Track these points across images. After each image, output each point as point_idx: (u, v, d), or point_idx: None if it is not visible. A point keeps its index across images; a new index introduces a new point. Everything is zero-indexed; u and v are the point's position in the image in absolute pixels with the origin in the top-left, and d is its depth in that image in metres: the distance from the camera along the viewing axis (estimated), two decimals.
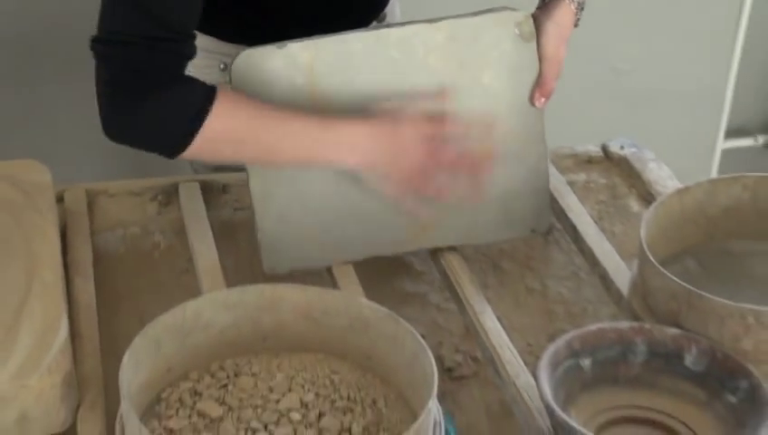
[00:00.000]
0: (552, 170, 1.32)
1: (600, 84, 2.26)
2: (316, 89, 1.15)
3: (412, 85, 1.17)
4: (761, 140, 2.70)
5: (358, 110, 1.15)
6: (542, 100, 1.23)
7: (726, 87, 2.44)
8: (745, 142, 2.68)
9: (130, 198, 1.28)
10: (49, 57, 2.02)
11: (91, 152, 2.05)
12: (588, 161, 1.38)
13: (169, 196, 1.29)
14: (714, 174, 2.50)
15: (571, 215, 1.24)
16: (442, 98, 1.17)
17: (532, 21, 1.18)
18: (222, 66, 1.46)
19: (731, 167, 2.59)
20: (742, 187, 1.13)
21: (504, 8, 1.18)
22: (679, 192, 1.13)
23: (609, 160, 1.39)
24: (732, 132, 2.59)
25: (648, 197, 1.29)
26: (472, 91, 1.18)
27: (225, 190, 1.31)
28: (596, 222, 1.24)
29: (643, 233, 1.03)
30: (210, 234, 1.19)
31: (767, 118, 2.71)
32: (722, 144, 2.52)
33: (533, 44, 1.18)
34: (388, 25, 1.18)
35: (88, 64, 1.99)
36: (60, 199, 1.22)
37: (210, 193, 1.29)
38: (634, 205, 1.31)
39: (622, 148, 1.39)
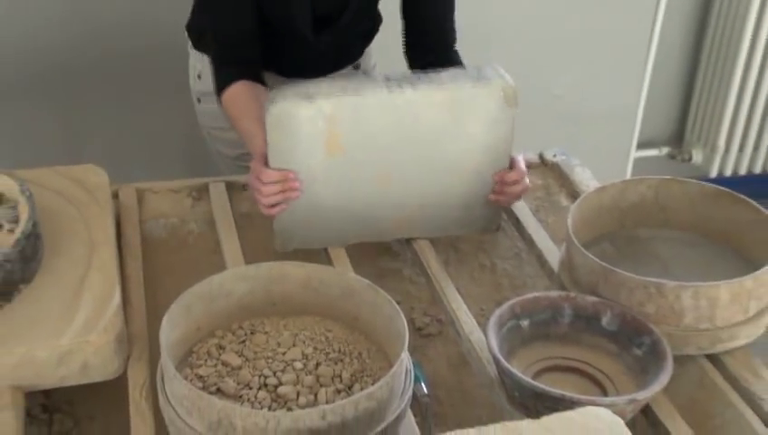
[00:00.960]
0: None
1: (540, 106, 2.25)
2: (334, 130, 1.13)
3: (411, 131, 1.16)
4: (664, 150, 2.71)
5: (363, 147, 1.16)
6: (499, 190, 1.21)
7: (638, 108, 2.43)
8: (652, 152, 2.68)
9: (170, 195, 1.28)
10: (108, 81, 2.00)
11: (139, 158, 2.04)
12: (528, 166, 1.36)
13: (201, 193, 1.28)
14: (627, 177, 2.50)
15: (514, 208, 1.24)
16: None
17: (515, 91, 1.16)
18: None
19: (641, 172, 2.59)
20: (646, 186, 1.13)
21: (496, 74, 1.16)
22: (598, 190, 1.13)
23: (545, 166, 1.39)
24: (642, 144, 2.59)
25: (574, 194, 1.29)
26: (459, 136, 1.16)
27: (244, 188, 1.29)
28: (534, 214, 1.24)
29: (570, 222, 1.04)
30: (233, 223, 1.19)
31: (669, 133, 2.72)
32: (634, 154, 2.51)
33: (513, 109, 1.16)
34: (400, 83, 1.14)
35: (138, 87, 1.98)
36: (115, 196, 1.21)
37: (233, 191, 1.29)
38: (564, 200, 1.31)
39: (555, 156, 1.39)
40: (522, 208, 1.24)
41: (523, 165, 1.20)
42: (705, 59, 2.56)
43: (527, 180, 1.21)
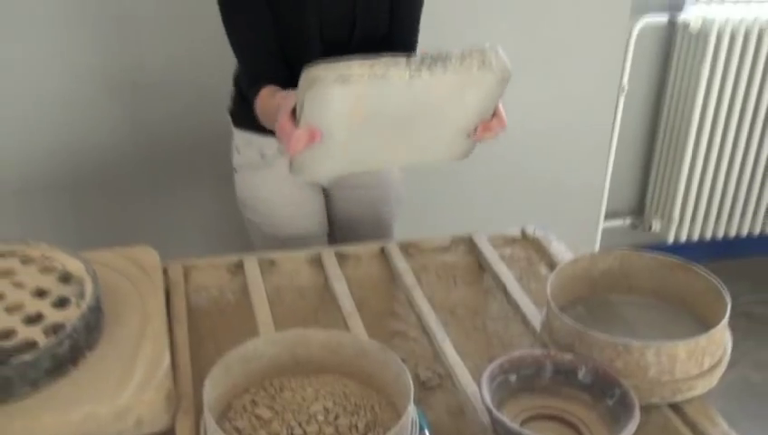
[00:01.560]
0: (488, 247, 1.33)
1: (520, 184, 2.27)
2: (359, 105, 1.15)
3: (420, 106, 1.18)
4: (628, 221, 2.71)
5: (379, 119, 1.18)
6: (481, 134, 1.23)
7: (604, 185, 2.45)
8: (618, 223, 2.69)
9: (211, 270, 1.27)
10: (157, 167, 2.02)
11: (186, 240, 2.05)
12: (512, 240, 1.38)
13: (237, 268, 1.28)
14: (597, 245, 2.50)
15: (502, 277, 1.23)
16: None
17: (511, 72, 1.16)
18: (260, 156, 1.49)
19: (608, 240, 2.59)
20: (613, 258, 1.13)
21: (496, 57, 1.14)
22: (572, 261, 1.13)
23: (526, 240, 1.39)
24: (608, 216, 2.60)
25: (552, 264, 1.28)
26: (457, 105, 1.19)
27: (272, 264, 1.29)
28: (518, 281, 1.23)
29: (548, 289, 1.04)
30: (264, 294, 1.18)
31: (632, 206, 2.73)
32: (602, 224, 2.52)
33: (506, 84, 1.17)
34: (419, 67, 1.13)
35: (184, 170, 1.98)
36: (165, 272, 1.21)
37: (264, 265, 1.28)
38: (543, 270, 1.31)
39: (534, 231, 1.39)
40: (508, 277, 1.23)
41: (503, 112, 1.23)
42: (660, 144, 2.59)
43: (504, 120, 1.23)
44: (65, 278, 1.03)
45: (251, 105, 1.41)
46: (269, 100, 1.28)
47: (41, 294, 1.00)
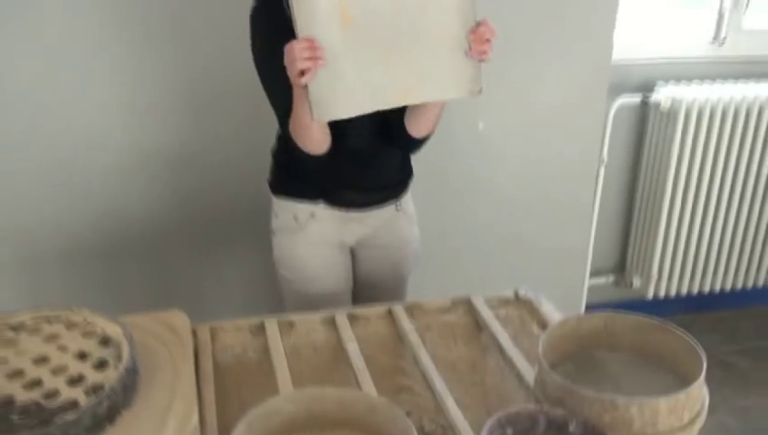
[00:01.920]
0: (485, 308, 1.33)
1: (512, 246, 2.27)
2: (343, 4, 1.17)
3: (400, 5, 1.20)
4: (611, 278, 2.70)
5: (367, 21, 1.20)
6: (476, 46, 1.25)
7: (588, 247, 2.45)
8: (601, 280, 2.68)
9: (235, 331, 1.27)
10: (191, 236, 2.02)
11: (211, 304, 2.05)
12: (506, 301, 1.38)
13: (259, 329, 1.27)
14: (583, 301, 2.49)
15: (497, 336, 1.23)
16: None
17: None
18: (294, 220, 1.53)
19: (593, 295, 2.58)
20: (598, 319, 1.13)
21: None
22: (561, 322, 1.12)
23: (519, 301, 1.38)
24: (593, 274, 2.59)
25: (543, 323, 1.28)
26: (436, 7, 1.21)
27: (291, 325, 1.29)
28: (512, 340, 1.22)
29: (540, 348, 1.03)
30: (283, 353, 1.18)
31: (614, 265, 2.72)
32: (588, 282, 2.51)
33: None
34: None
35: (218, 237, 1.97)
36: (194, 333, 1.20)
37: (283, 327, 1.28)
38: (535, 329, 1.30)
39: (526, 293, 1.39)
40: (503, 336, 1.23)
41: (489, 22, 1.25)
42: (637, 209, 2.60)
43: (491, 32, 1.25)
44: (105, 341, 1.04)
45: (287, 175, 1.51)
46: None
47: (83, 356, 1.00)
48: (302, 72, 1.18)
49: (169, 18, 1.78)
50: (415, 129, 1.43)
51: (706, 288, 2.65)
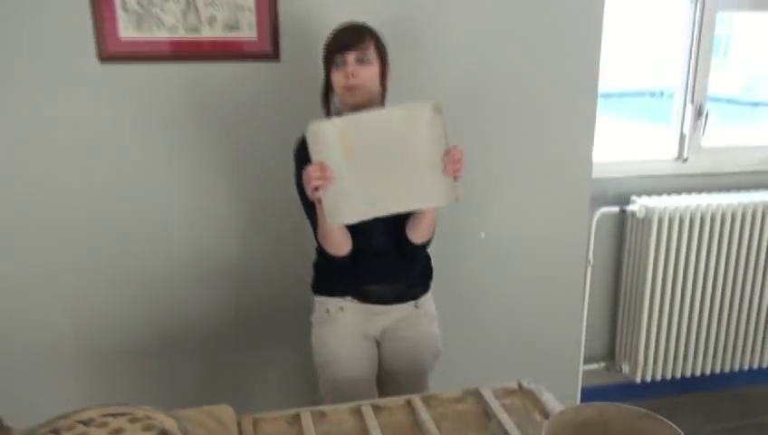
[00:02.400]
0: (492, 398, 1.31)
1: (516, 341, 2.25)
2: (345, 139, 1.32)
3: (388, 142, 1.33)
4: (602, 364, 2.65)
5: (365, 155, 1.34)
6: (450, 166, 1.34)
7: (581, 337, 2.42)
8: (594, 366, 2.62)
9: (274, 421, 1.26)
10: (241, 338, 2.01)
11: (255, 394, 2.03)
12: (511, 392, 1.36)
13: (295, 419, 1.26)
14: (579, 386, 2.43)
15: (504, 424, 1.21)
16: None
17: (439, 104, 1.34)
18: (326, 312, 1.59)
19: (587, 379, 2.52)
20: (592, 409, 1.10)
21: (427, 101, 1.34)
22: (560, 412, 1.10)
23: (522, 391, 1.36)
24: (586, 360, 2.54)
25: (544, 412, 1.26)
26: (414, 139, 1.34)
27: (322, 415, 1.27)
28: (517, 427, 1.20)
29: (543, 433, 1.02)
30: None
31: (604, 353, 2.67)
32: (582, 368, 2.46)
33: (441, 115, 1.34)
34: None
35: (262, 336, 1.96)
36: (239, 424, 1.19)
37: (316, 417, 1.26)
38: (537, 416, 1.27)
39: (528, 383, 1.37)
40: (509, 423, 1.21)
41: (458, 147, 1.35)
42: (622, 303, 2.59)
43: (462, 157, 1.35)
44: (162, 434, 1.03)
45: (322, 276, 1.59)
46: None
47: None
48: (317, 188, 1.31)
49: (232, 144, 1.87)
50: (413, 235, 1.52)
51: (689, 372, 2.58)
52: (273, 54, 1.81)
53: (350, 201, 1.34)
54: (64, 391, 1.91)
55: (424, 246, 1.57)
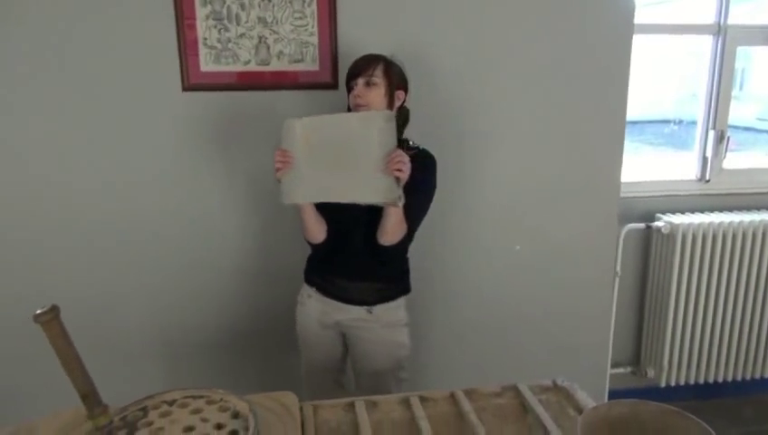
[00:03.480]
0: (529, 393, 1.28)
1: (549, 346, 2.21)
2: (305, 133, 1.40)
3: (340, 137, 1.38)
4: (628, 369, 2.57)
5: (319, 145, 1.41)
6: (390, 165, 1.34)
7: (608, 343, 2.35)
8: (621, 370, 2.56)
9: (332, 408, 1.25)
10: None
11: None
12: (546, 389, 1.33)
13: (350, 406, 1.26)
14: (606, 389, 2.37)
15: (541, 417, 1.18)
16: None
17: (391, 114, 1.37)
18: (300, 296, 1.66)
19: (615, 382, 2.46)
20: (623, 406, 1.07)
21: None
22: (594, 408, 1.07)
23: (557, 388, 1.33)
24: (613, 365, 2.48)
25: (578, 408, 1.23)
26: (366, 138, 1.35)
27: (374, 404, 1.26)
28: (554, 421, 1.17)
29: (579, 428, 0.99)
30: (369, 427, 1.16)
31: (630, 358, 2.60)
32: (609, 371, 2.39)
33: (391, 123, 1.35)
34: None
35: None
36: (301, 409, 1.19)
37: (368, 405, 1.25)
38: (572, 412, 1.24)
39: (563, 381, 1.34)
40: (546, 417, 1.18)
41: (401, 151, 1.35)
42: (647, 312, 2.51)
43: (405, 159, 1.34)
44: (235, 415, 1.04)
45: (307, 265, 1.64)
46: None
47: (219, 427, 1.01)
48: (278, 170, 1.41)
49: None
50: (379, 235, 1.47)
51: (711, 378, 2.49)
52: (333, 83, 1.84)
53: (302, 186, 1.40)
54: (143, 378, 1.96)
55: (392, 250, 1.49)
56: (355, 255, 1.53)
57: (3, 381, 1.91)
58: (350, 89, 1.51)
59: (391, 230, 1.45)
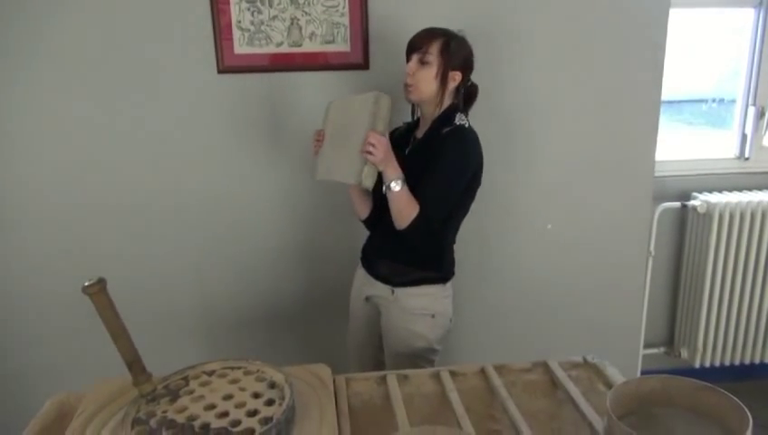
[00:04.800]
0: (559, 370, 1.28)
1: (582, 325, 2.19)
2: (333, 114, 1.50)
3: (346, 114, 1.43)
4: (662, 349, 2.54)
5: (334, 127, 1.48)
6: (363, 148, 1.33)
7: (641, 324, 2.33)
8: (654, 351, 2.53)
9: (364, 381, 1.27)
10: (334, 314, 2.06)
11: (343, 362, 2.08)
12: (577, 365, 1.32)
13: (382, 380, 1.27)
14: (639, 368, 2.35)
15: (571, 393, 1.18)
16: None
17: (385, 96, 1.36)
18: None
19: (647, 363, 2.43)
20: (655, 381, 1.07)
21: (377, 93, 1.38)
22: (624, 383, 1.07)
23: (587, 365, 1.33)
24: (646, 345, 2.45)
25: (607, 384, 1.22)
26: (360, 123, 1.37)
27: (405, 378, 1.28)
28: (584, 397, 1.17)
29: (608, 403, 0.99)
30: (401, 399, 1.17)
31: (664, 339, 2.56)
32: (642, 352, 2.37)
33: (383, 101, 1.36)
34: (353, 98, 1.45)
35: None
36: (334, 381, 1.21)
37: (400, 379, 1.26)
38: (601, 387, 1.24)
39: (593, 358, 1.33)
40: (576, 392, 1.18)
41: (375, 134, 1.32)
42: (682, 293, 2.47)
43: (377, 142, 1.31)
44: (272, 385, 1.07)
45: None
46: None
47: (256, 396, 1.04)
48: (314, 148, 1.49)
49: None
50: (393, 222, 1.42)
51: (747, 359, 2.44)
52: (364, 64, 1.84)
53: (320, 163, 1.47)
54: (187, 352, 2.02)
55: (414, 234, 1.39)
56: (387, 234, 1.52)
57: (54, 355, 2.00)
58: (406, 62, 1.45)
59: (397, 215, 1.38)
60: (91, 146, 1.86)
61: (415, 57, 1.41)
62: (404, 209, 1.37)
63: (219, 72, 1.83)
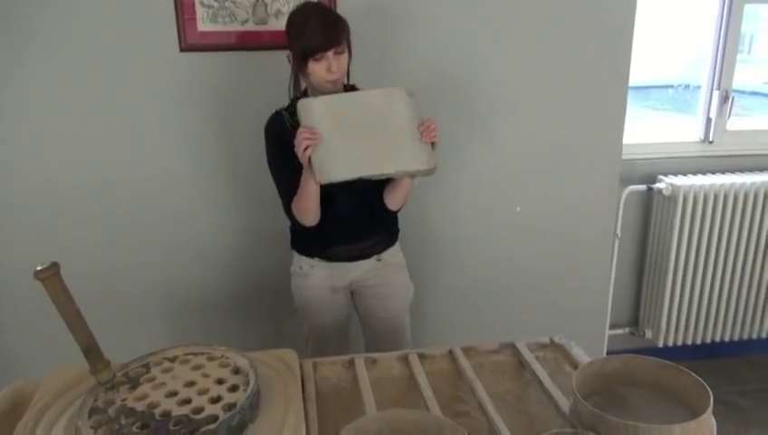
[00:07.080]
0: (527, 351, 1.29)
1: (548, 307, 2.22)
2: (332, 112, 1.35)
3: (368, 112, 1.36)
4: (627, 329, 2.59)
5: (349, 122, 1.35)
6: (424, 133, 1.36)
7: (607, 305, 2.36)
8: (619, 331, 2.57)
9: (332, 365, 1.26)
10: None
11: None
12: (544, 346, 1.33)
13: (350, 364, 1.27)
14: (605, 348, 2.39)
15: (538, 373, 1.19)
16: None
17: (411, 91, 1.38)
18: (300, 268, 1.62)
19: (613, 343, 2.48)
20: (620, 361, 1.08)
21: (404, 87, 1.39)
22: (590, 363, 1.08)
23: (554, 345, 1.34)
24: (612, 326, 2.50)
25: (574, 364, 1.23)
26: (393, 113, 1.36)
27: (374, 361, 1.27)
28: (550, 377, 1.18)
29: (574, 383, 1.00)
30: (368, 383, 1.17)
31: (629, 319, 2.61)
32: (607, 332, 2.41)
33: (414, 97, 1.37)
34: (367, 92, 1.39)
35: None
36: (301, 366, 1.19)
37: (368, 363, 1.27)
38: (567, 368, 1.25)
39: (560, 339, 1.34)
40: (542, 373, 1.19)
41: (432, 120, 1.36)
42: (646, 274, 2.51)
43: (434, 125, 1.36)
44: (236, 371, 1.05)
45: (296, 237, 1.61)
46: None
47: (220, 382, 1.02)
48: (306, 148, 1.31)
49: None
50: (390, 202, 1.55)
51: (709, 338, 2.50)
52: None
53: (336, 161, 1.33)
54: (150, 336, 1.98)
55: (396, 212, 1.61)
56: (345, 221, 1.55)
57: (12, 343, 1.94)
58: (309, 58, 1.39)
59: (404, 195, 1.54)
60: (49, 127, 1.78)
61: (331, 53, 1.40)
62: (410, 189, 1.54)
63: (182, 50, 1.77)
